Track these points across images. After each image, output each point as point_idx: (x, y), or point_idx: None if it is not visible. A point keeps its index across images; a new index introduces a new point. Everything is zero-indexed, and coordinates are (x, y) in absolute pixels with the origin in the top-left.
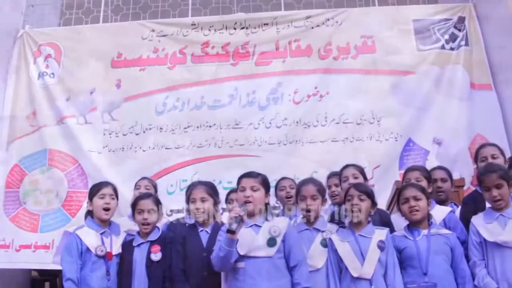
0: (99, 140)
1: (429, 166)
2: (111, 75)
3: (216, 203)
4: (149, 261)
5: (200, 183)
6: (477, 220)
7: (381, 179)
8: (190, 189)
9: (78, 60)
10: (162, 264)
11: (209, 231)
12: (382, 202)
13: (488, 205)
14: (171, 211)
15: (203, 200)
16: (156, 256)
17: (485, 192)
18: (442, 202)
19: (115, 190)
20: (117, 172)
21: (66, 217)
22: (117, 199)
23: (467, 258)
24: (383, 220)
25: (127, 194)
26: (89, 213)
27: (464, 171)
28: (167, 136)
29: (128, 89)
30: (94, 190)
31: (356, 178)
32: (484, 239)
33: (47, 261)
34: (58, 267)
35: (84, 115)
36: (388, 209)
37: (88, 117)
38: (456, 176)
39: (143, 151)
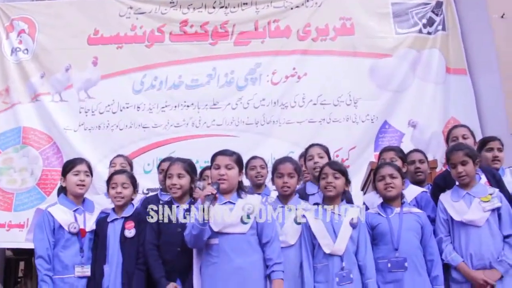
0: (75, 118)
1: (404, 148)
2: (88, 52)
3: (193, 180)
4: (123, 237)
5: (178, 159)
6: (445, 198)
7: (357, 160)
8: (169, 164)
9: (53, 36)
10: (136, 240)
11: (184, 208)
12: (357, 183)
13: (456, 183)
14: (148, 190)
15: (180, 176)
16: (130, 232)
17: (452, 170)
18: (421, 183)
19: (89, 167)
20: (94, 150)
21: (41, 196)
22: (92, 176)
23: (435, 235)
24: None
25: (103, 173)
26: (62, 190)
27: (438, 153)
28: (144, 115)
29: (105, 66)
30: (68, 167)
31: (321, 157)
32: (451, 217)
33: (22, 240)
34: (33, 246)
35: (59, 92)
36: (362, 189)
37: (63, 94)
38: (429, 158)
39: (120, 129)
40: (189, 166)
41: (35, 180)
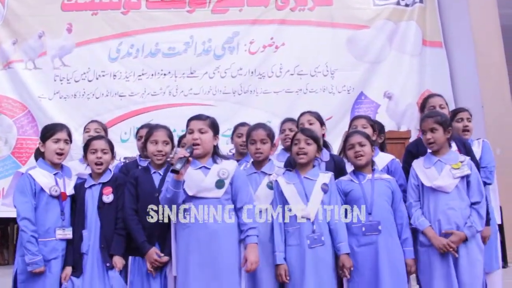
0: (49, 86)
1: (379, 119)
2: (62, 18)
3: (173, 147)
4: (100, 203)
5: (162, 126)
6: (417, 164)
7: (333, 130)
8: (151, 130)
9: (25, 1)
10: (114, 205)
11: (162, 174)
12: (333, 152)
13: (429, 150)
14: (125, 158)
15: (165, 143)
16: (108, 198)
17: (423, 136)
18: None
19: (69, 134)
20: (69, 119)
21: (16, 165)
22: (71, 142)
23: (406, 200)
24: (338, 167)
25: (79, 141)
26: (41, 154)
27: (412, 124)
28: (121, 83)
29: (79, 33)
30: (48, 133)
31: (311, 124)
32: (421, 183)
33: None
34: (9, 215)
35: (33, 59)
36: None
37: (37, 62)
38: (403, 129)
39: (96, 98)
40: (171, 134)
41: (9, 149)
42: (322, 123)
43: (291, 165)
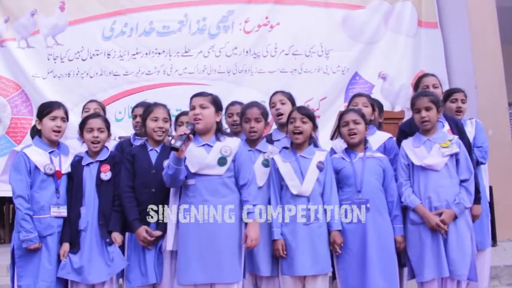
0: (43, 66)
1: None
2: None
3: (170, 125)
4: (99, 180)
5: (161, 104)
6: (407, 144)
7: (327, 110)
8: (151, 108)
9: None
10: (111, 183)
11: (158, 151)
12: (327, 133)
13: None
14: (120, 137)
15: (165, 120)
16: (106, 175)
17: (415, 114)
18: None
19: (66, 112)
20: (64, 98)
21: (11, 144)
22: (68, 121)
23: (396, 179)
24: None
25: (74, 121)
26: (37, 132)
27: (406, 105)
28: (115, 62)
29: (72, 12)
30: (45, 111)
31: (283, 104)
32: (411, 162)
33: None
34: (5, 194)
35: (25, 38)
36: (332, 138)
37: (30, 40)
38: (397, 109)
39: (90, 77)
40: (169, 113)
41: (4, 128)
42: (293, 104)
43: (270, 143)
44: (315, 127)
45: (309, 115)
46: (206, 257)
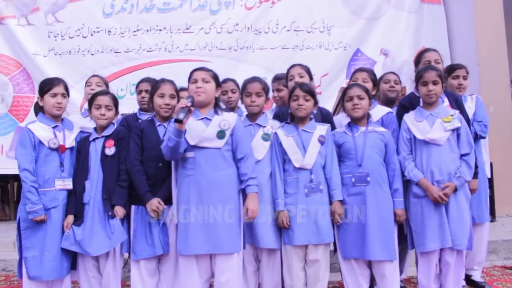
0: (44, 43)
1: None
2: None
3: (178, 101)
4: (103, 155)
5: (168, 80)
6: (409, 118)
7: (328, 87)
8: (158, 84)
9: None
10: (115, 158)
11: (166, 126)
12: (328, 108)
13: (421, 104)
14: (122, 115)
15: (172, 96)
16: (110, 150)
17: (422, 87)
18: (392, 102)
19: (66, 88)
20: (65, 76)
21: (14, 122)
22: (69, 96)
23: (398, 153)
24: (325, 119)
25: (76, 98)
26: (40, 109)
27: (407, 81)
28: (116, 40)
29: None
30: (46, 88)
31: (301, 77)
32: (414, 136)
33: None
34: (9, 172)
35: (25, 15)
36: (333, 114)
37: (30, 18)
38: None
39: (92, 54)
40: (177, 88)
41: (6, 107)
42: (311, 78)
43: (280, 118)
44: (315, 103)
45: (311, 92)
46: (206, 228)
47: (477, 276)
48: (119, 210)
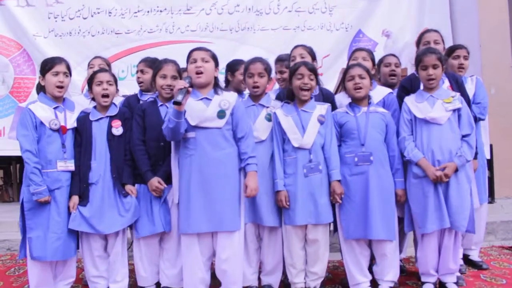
0: (44, 24)
1: (377, 57)
2: None
3: None
4: (110, 135)
5: (171, 60)
6: (409, 100)
7: (330, 68)
8: (161, 64)
9: None
10: (123, 138)
11: (169, 106)
12: (330, 90)
13: (421, 87)
14: (123, 96)
15: (174, 77)
16: (118, 130)
17: (421, 71)
18: (392, 86)
19: (68, 67)
20: (66, 57)
21: (15, 104)
22: (71, 75)
23: (399, 134)
24: (326, 100)
25: (77, 80)
26: (42, 89)
27: (409, 63)
28: (116, 21)
29: None
30: (47, 66)
31: (303, 57)
32: (414, 117)
33: (0, 148)
34: (12, 154)
35: None
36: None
37: None
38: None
39: (92, 36)
40: (179, 69)
41: (7, 88)
42: (314, 58)
43: (281, 99)
44: (317, 82)
45: (315, 71)
46: (207, 207)
47: (475, 256)
48: (133, 189)
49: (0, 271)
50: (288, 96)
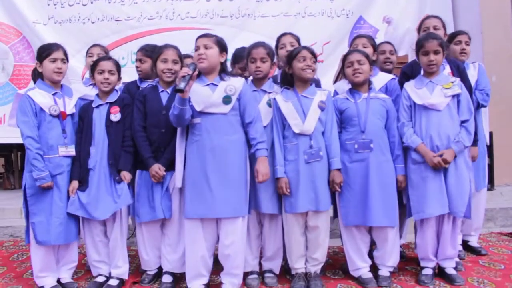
0: (43, 11)
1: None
2: None
3: (181, 67)
4: (108, 122)
5: (171, 45)
6: (409, 86)
7: (330, 55)
8: (161, 49)
9: None
10: (121, 124)
11: (169, 92)
12: (330, 77)
13: (421, 72)
14: (123, 83)
15: (175, 62)
16: (116, 116)
17: (422, 57)
18: (388, 72)
19: (65, 53)
20: (66, 45)
21: (15, 91)
22: (68, 62)
23: (398, 120)
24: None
25: (77, 67)
26: (39, 75)
27: (410, 49)
28: (116, 8)
29: None
30: (45, 53)
31: (292, 46)
32: (413, 103)
33: (0, 136)
34: (12, 141)
35: None
36: (334, 83)
37: None
38: (401, 54)
39: (92, 23)
40: (180, 54)
41: (7, 75)
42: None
43: (276, 82)
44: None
45: (315, 55)
46: (212, 192)
47: (473, 242)
48: (127, 175)
49: (4, 257)
50: (285, 81)
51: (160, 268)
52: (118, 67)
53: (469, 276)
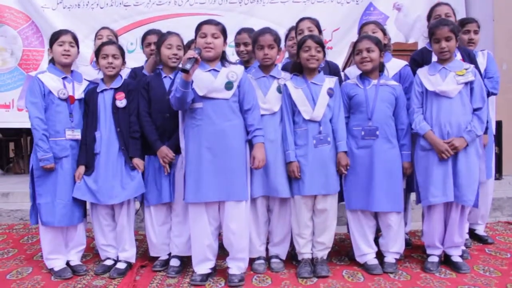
0: None
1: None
2: None
3: (184, 53)
4: (114, 108)
5: (174, 32)
6: (422, 72)
7: (340, 41)
8: (165, 36)
9: None
10: (127, 110)
11: (172, 77)
12: (339, 64)
13: (434, 59)
14: (132, 69)
15: (179, 47)
16: (122, 103)
17: (434, 44)
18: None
19: (74, 38)
20: (74, 29)
21: (24, 76)
22: (78, 47)
23: (409, 106)
24: (332, 73)
25: (86, 53)
26: (51, 61)
27: (421, 36)
28: None
29: None
30: (53, 38)
31: (311, 31)
32: (425, 89)
33: (9, 120)
34: (22, 126)
35: None
36: (343, 70)
37: None
38: (412, 41)
39: (101, 8)
40: (183, 41)
41: (16, 60)
42: (320, 31)
43: (287, 70)
44: (324, 54)
45: (322, 44)
46: (215, 176)
47: (480, 230)
48: (140, 163)
49: (14, 239)
50: (295, 69)
51: (170, 255)
52: (122, 51)
53: (475, 264)
